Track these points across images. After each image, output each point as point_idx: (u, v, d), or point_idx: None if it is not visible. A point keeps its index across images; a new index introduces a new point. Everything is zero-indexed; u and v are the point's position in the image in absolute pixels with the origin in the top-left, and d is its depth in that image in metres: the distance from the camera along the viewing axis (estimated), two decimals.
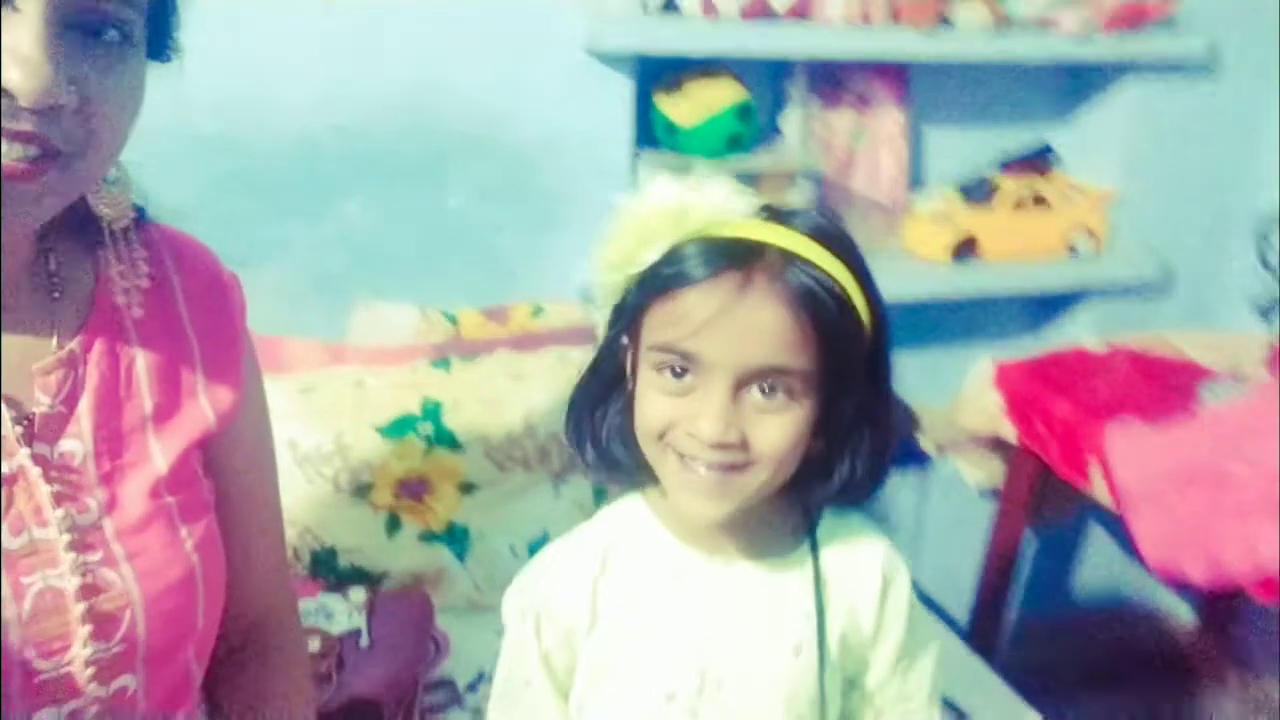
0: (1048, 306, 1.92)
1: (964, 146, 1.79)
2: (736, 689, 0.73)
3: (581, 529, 0.78)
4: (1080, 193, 1.80)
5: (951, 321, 1.86)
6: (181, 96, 1.35)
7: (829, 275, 0.66)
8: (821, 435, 0.70)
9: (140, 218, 0.68)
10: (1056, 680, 1.99)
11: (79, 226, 0.63)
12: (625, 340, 0.72)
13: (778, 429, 0.66)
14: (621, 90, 1.47)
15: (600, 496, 1.37)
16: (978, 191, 1.75)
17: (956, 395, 1.82)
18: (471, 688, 1.13)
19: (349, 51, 1.34)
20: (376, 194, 1.41)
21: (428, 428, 1.31)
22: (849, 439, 0.71)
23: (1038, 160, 1.81)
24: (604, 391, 0.74)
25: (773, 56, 1.55)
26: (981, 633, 1.83)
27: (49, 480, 0.60)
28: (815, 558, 0.74)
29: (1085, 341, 1.74)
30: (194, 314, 0.70)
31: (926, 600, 1.85)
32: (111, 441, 0.64)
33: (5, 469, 0.59)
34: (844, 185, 1.69)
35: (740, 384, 0.66)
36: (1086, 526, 2.09)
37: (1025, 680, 1.90)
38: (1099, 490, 1.43)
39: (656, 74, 1.50)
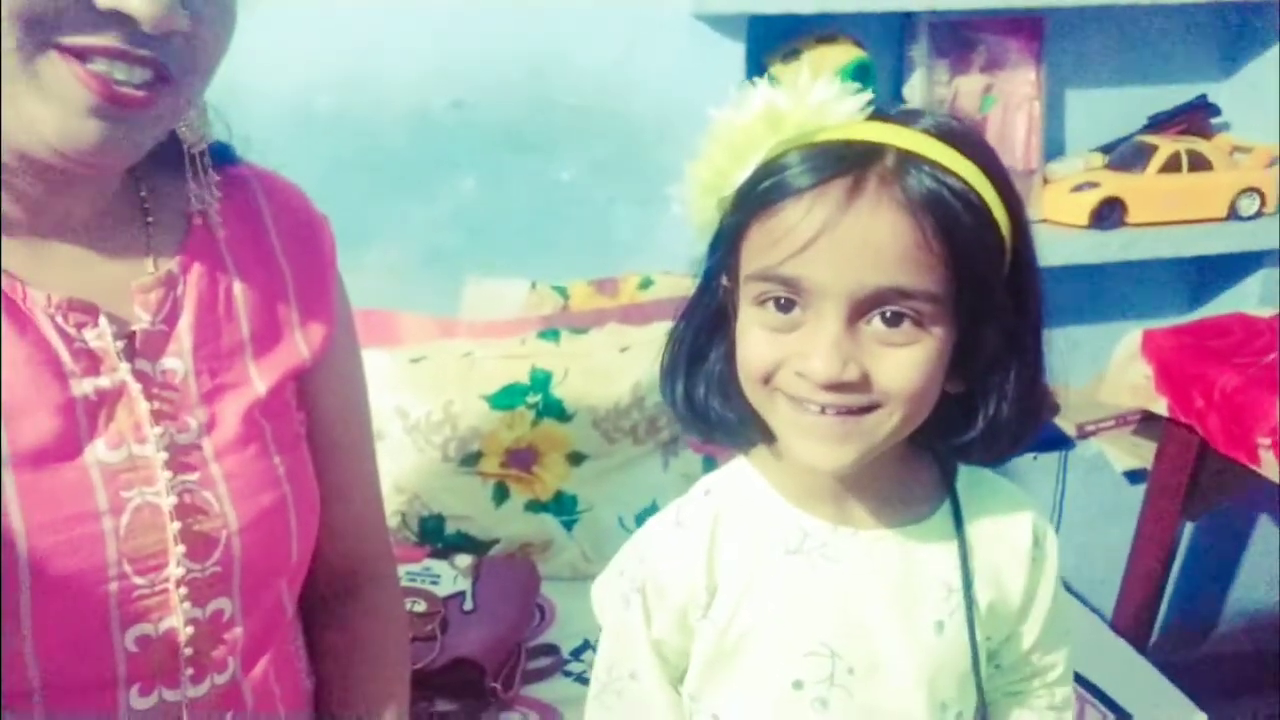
0: (1207, 276, 1.76)
1: (1108, 107, 1.66)
2: (871, 674, 0.64)
3: (681, 502, 0.70)
4: (1245, 152, 1.64)
5: (1094, 293, 1.73)
6: (300, 77, 1.41)
7: (958, 177, 0.56)
8: (959, 373, 0.60)
9: (228, 153, 0.70)
10: (1213, 690, 1.82)
11: (163, 153, 0.64)
12: (724, 280, 0.64)
13: (905, 363, 0.57)
14: (732, 58, 1.43)
15: (710, 467, 1.33)
16: (1126, 155, 1.62)
17: (1100, 373, 1.69)
18: (576, 654, 1.11)
19: (463, 27, 1.35)
20: (490, 169, 1.42)
21: (536, 398, 1.30)
22: (992, 376, 0.61)
23: (1194, 117, 1.67)
24: (701, 339, 0.66)
25: (893, 10, 1.48)
26: (1129, 633, 1.68)
27: (149, 397, 0.61)
28: (958, 521, 0.65)
29: (1249, 309, 1.59)
30: (287, 248, 0.71)
31: (1071, 594, 1.73)
32: (211, 361, 0.64)
33: (107, 383, 0.60)
34: None
35: (857, 312, 0.56)
36: (1249, 513, 1.90)
37: (1179, 682, 1.75)
38: (1269, 469, 1.29)
39: (771, 43, 1.45)
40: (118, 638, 0.58)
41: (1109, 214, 1.58)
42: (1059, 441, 1.72)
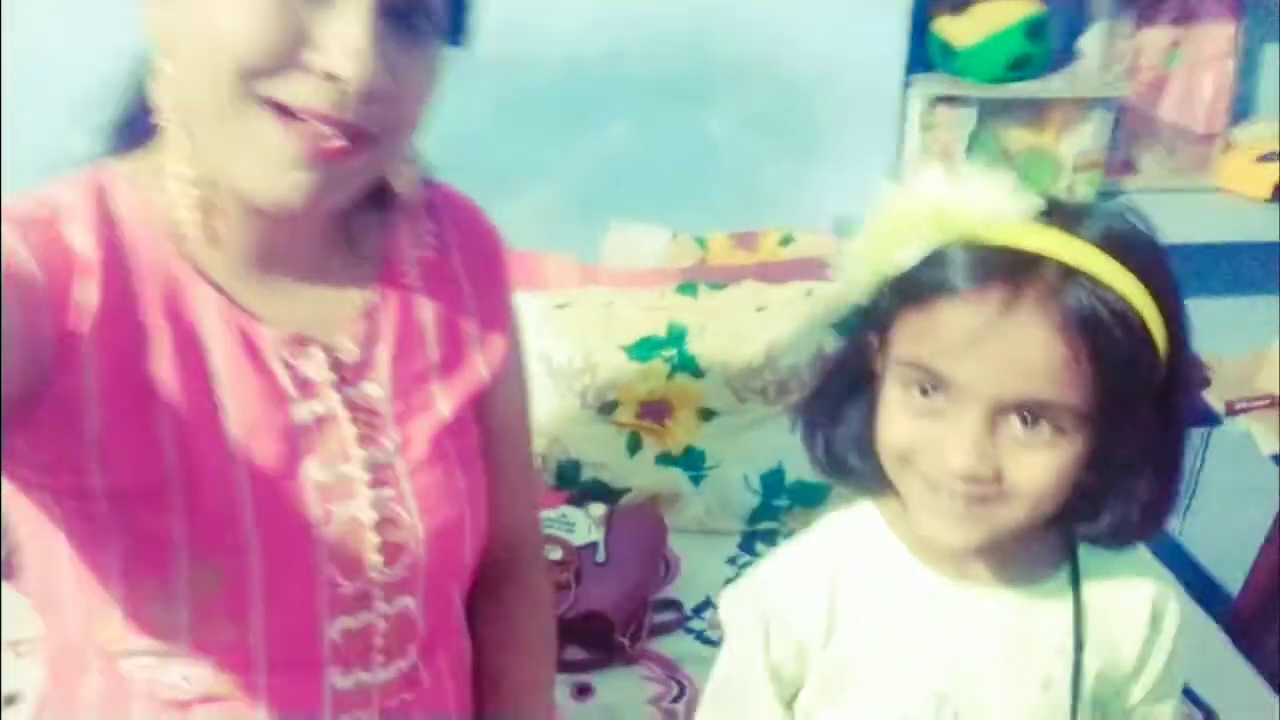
0: None
1: None
2: (975, 717, 0.68)
3: (811, 535, 0.74)
4: None
5: (1263, 266, 1.63)
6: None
7: (1117, 295, 0.56)
8: (1093, 469, 0.61)
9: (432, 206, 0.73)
10: None
11: (372, 192, 0.67)
12: (874, 341, 0.66)
13: (1040, 466, 0.59)
14: (896, 12, 1.37)
15: (802, 423, 1.35)
16: None
17: (1257, 348, 1.61)
18: (698, 611, 1.18)
19: None
20: (641, 117, 1.42)
21: (671, 352, 1.34)
22: (1125, 477, 0.62)
23: None
24: (845, 391, 0.69)
25: None
26: (1254, 612, 1.66)
27: (354, 421, 0.67)
28: (1076, 589, 0.67)
29: None
30: (470, 274, 0.75)
31: (1198, 572, 1.71)
32: (404, 385, 0.70)
33: (321, 408, 0.66)
34: (1148, 113, 1.50)
35: (998, 412, 0.58)
36: None
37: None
38: None
39: None
40: (325, 628, 0.66)
41: None
42: (1205, 417, 1.67)
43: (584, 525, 1.21)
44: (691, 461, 1.33)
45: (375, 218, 0.70)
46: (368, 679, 0.69)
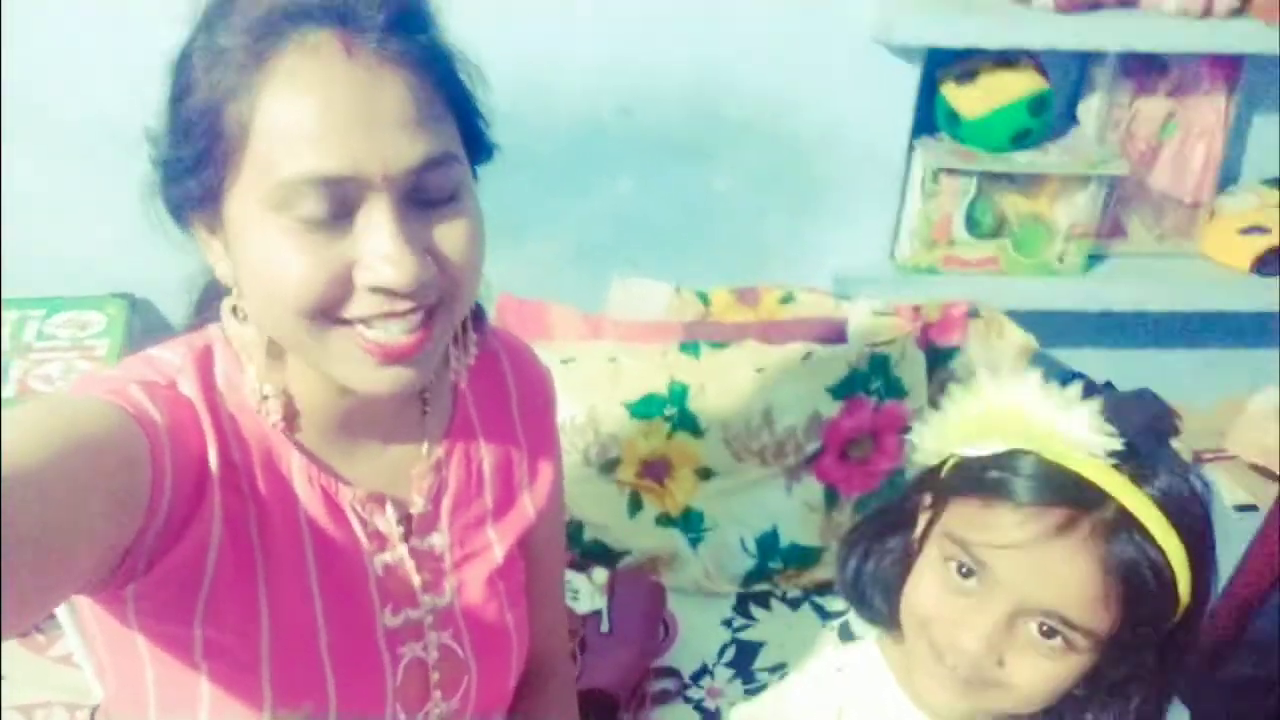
0: None
1: None
2: None
3: (814, 668, 0.80)
4: None
5: (1238, 327, 1.69)
6: None
7: (1161, 553, 0.61)
8: (1087, 683, 0.66)
9: (478, 312, 0.75)
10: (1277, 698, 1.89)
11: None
12: (928, 500, 0.71)
13: (1042, 673, 0.64)
14: (907, 80, 1.39)
15: (831, 500, 1.39)
16: None
17: (1229, 402, 1.68)
18: (695, 679, 1.22)
19: (632, 34, 1.34)
20: (648, 173, 1.43)
21: (673, 410, 1.36)
22: (1110, 697, 0.67)
23: None
24: (887, 534, 0.74)
25: (1084, 48, 1.40)
26: (1216, 653, 1.74)
27: (420, 570, 0.71)
28: None
29: None
30: (524, 418, 0.78)
31: None
32: (463, 533, 0.74)
33: (390, 559, 0.70)
34: (1141, 180, 1.53)
35: (1021, 614, 0.63)
36: None
37: (1259, 700, 1.82)
38: None
39: (947, 60, 1.40)
40: None
41: (1272, 261, 1.53)
42: None
43: (587, 592, 1.25)
44: (690, 523, 1.37)
45: (444, 376, 0.72)
46: None
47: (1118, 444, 0.62)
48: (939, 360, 1.45)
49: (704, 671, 1.23)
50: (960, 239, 1.46)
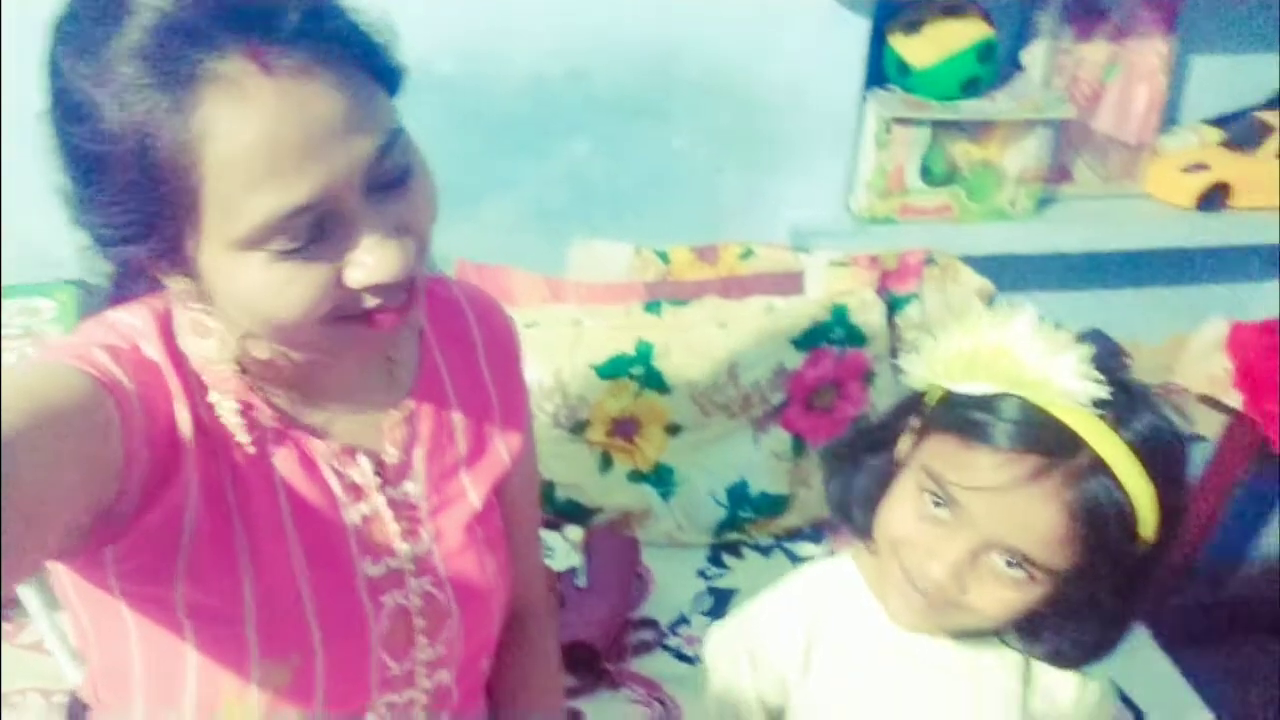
0: None
1: (1234, 78, 1.61)
2: None
3: (790, 583, 0.83)
4: None
5: (1184, 264, 1.74)
6: (423, 42, 1.41)
7: (1129, 499, 0.63)
8: (1042, 608, 0.69)
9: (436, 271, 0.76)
10: (1242, 623, 1.98)
11: None
12: (914, 423, 0.73)
13: (1003, 599, 0.67)
14: (857, 32, 1.40)
15: (798, 449, 1.42)
16: (1241, 132, 1.58)
17: (1176, 337, 1.73)
18: (674, 629, 1.25)
19: (587, 2, 1.33)
20: (603, 134, 1.43)
21: (639, 369, 1.38)
22: (1068, 620, 0.70)
23: None
24: (871, 450, 0.77)
25: None
26: (1170, 578, 1.81)
27: (397, 519, 0.72)
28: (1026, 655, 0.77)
29: None
30: (491, 367, 0.80)
31: None
32: (438, 481, 0.75)
33: (367, 509, 0.71)
34: (1086, 124, 1.56)
35: (982, 551, 0.66)
36: None
37: (1211, 621, 1.90)
38: None
39: (895, 11, 1.41)
40: (374, 703, 0.73)
41: (1214, 198, 1.57)
42: None
43: (563, 550, 1.27)
44: (661, 478, 1.39)
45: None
46: None
47: (1104, 391, 0.64)
48: (898, 307, 1.48)
49: (682, 620, 1.25)
50: (914, 188, 1.49)
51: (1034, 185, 1.53)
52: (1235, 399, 1.55)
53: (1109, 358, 0.67)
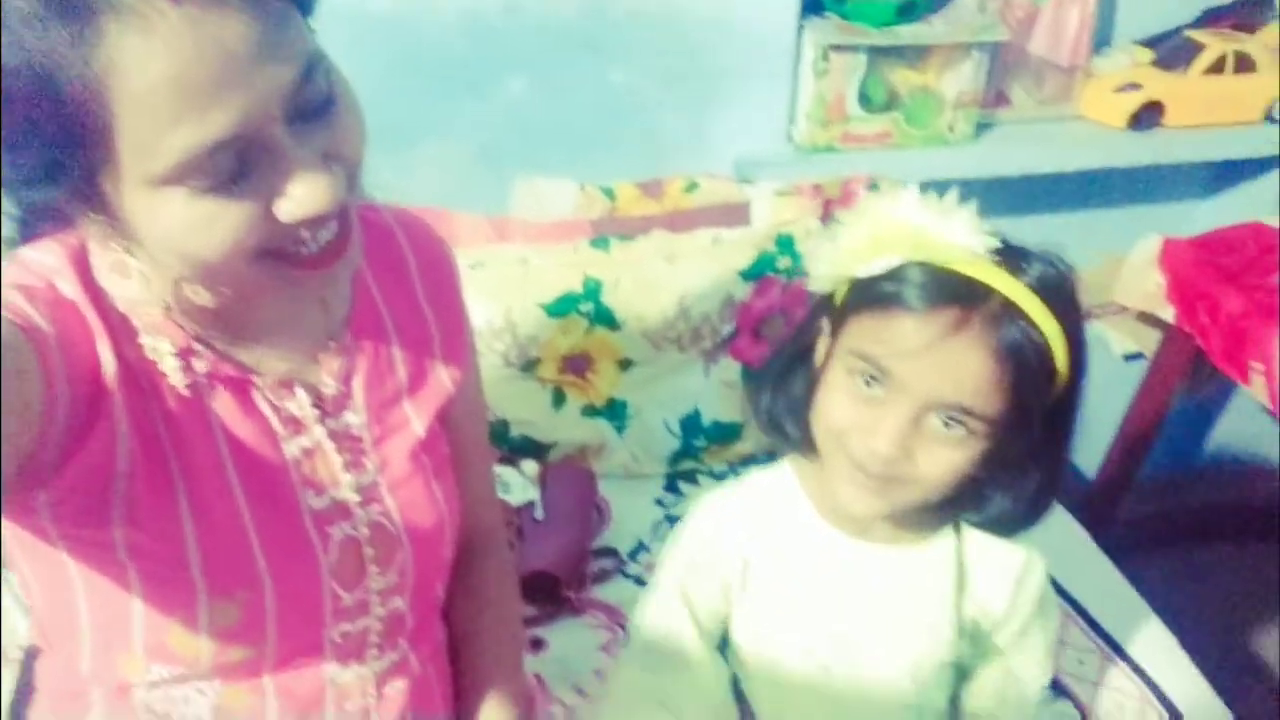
0: (1230, 174, 1.80)
1: None
2: (868, 653, 0.81)
3: (731, 491, 0.85)
4: None
5: (1119, 185, 1.78)
6: None
7: (1042, 335, 0.66)
8: (986, 467, 0.72)
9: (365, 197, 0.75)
10: (1177, 531, 2.06)
11: None
12: (826, 327, 0.75)
13: (946, 460, 0.69)
14: None
15: (748, 375, 1.44)
16: (1172, 51, 1.61)
17: (1113, 258, 1.77)
18: (633, 556, 1.27)
19: None
20: (541, 70, 1.42)
21: (589, 306, 1.38)
22: (1009, 477, 0.73)
23: (1247, 11, 1.64)
24: (791, 365, 0.79)
25: None
26: (1108, 491, 1.88)
27: (339, 450, 0.72)
28: (959, 552, 0.80)
29: (1263, 219, 1.65)
30: (429, 293, 0.79)
31: None
32: (379, 411, 0.75)
33: (308, 442, 0.71)
34: (1020, 47, 1.58)
35: (925, 411, 0.68)
36: (1230, 389, 2.05)
37: (1146, 530, 1.98)
38: (1258, 391, 1.41)
39: None
40: (328, 633, 0.73)
41: (1147, 117, 1.60)
42: None
43: (519, 484, 1.27)
44: (614, 412, 1.40)
45: None
46: (364, 671, 0.76)
47: (996, 242, 0.68)
48: None
49: (641, 548, 1.27)
50: (854, 115, 1.50)
51: (971, 110, 1.54)
52: (1169, 313, 1.59)
53: (1058, 277, 0.70)
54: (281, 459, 0.69)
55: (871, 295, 0.69)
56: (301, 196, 0.56)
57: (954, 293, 0.66)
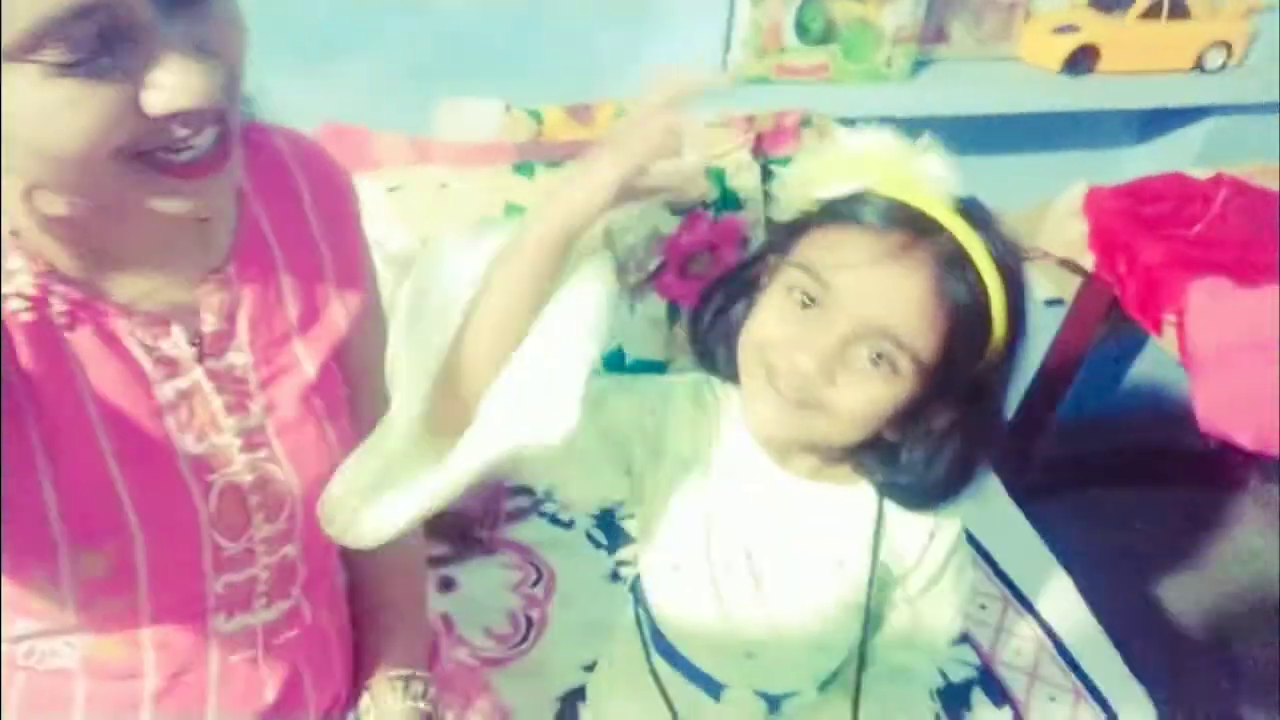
0: (1160, 120, 1.81)
1: None
2: (776, 584, 0.79)
3: (668, 380, 0.81)
4: None
5: (1051, 130, 1.77)
6: None
7: (985, 291, 0.65)
8: (898, 428, 0.70)
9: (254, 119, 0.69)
10: (1088, 475, 2.13)
11: None
12: (773, 260, 0.73)
13: (865, 395, 0.67)
14: None
15: (674, 315, 1.42)
16: None
17: (1040, 203, 1.78)
18: (549, 495, 1.25)
19: None
20: None
21: None
22: (927, 443, 0.71)
23: None
24: (734, 296, 0.76)
25: None
26: (1026, 432, 1.92)
27: (220, 392, 0.67)
28: (880, 496, 0.78)
29: (1189, 169, 1.66)
30: (321, 223, 0.73)
31: None
32: (266, 350, 0.70)
33: (185, 384, 0.66)
34: None
35: (855, 336, 0.66)
36: (1145, 338, 2.10)
37: (1059, 473, 2.04)
38: (1169, 342, 1.44)
39: None
40: (210, 584, 0.69)
41: (1082, 60, 1.59)
42: None
43: None
44: None
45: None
46: (251, 620, 0.73)
47: (959, 192, 0.67)
48: (773, 170, 1.46)
49: (556, 487, 1.25)
50: (790, 46, 1.45)
51: (910, 45, 1.51)
52: (1090, 261, 1.60)
53: (1015, 255, 0.69)
54: (153, 403, 0.64)
55: (828, 211, 0.69)
56: (172, 86, 0.51)
57: (909, 221, 0.66)
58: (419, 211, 1.33)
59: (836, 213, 0.68)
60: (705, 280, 1.40)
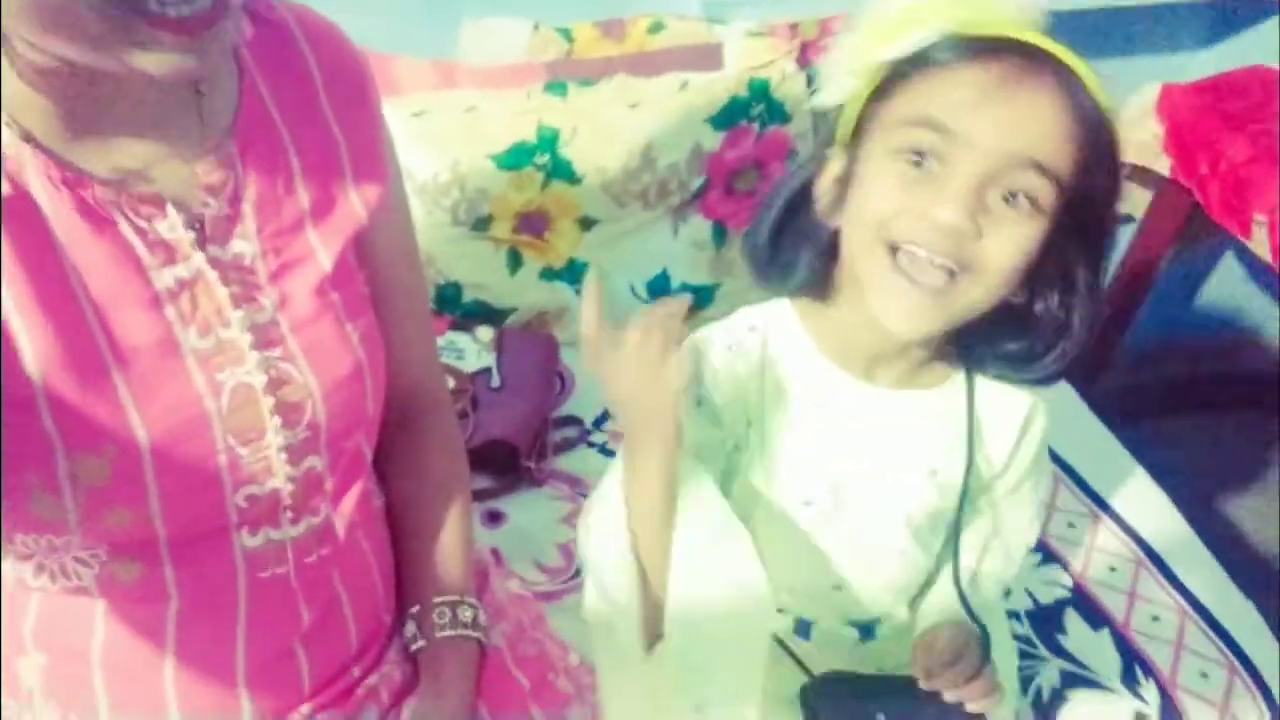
0: (1228, 21, 1.68)
1: None
2: (864, 506, 0.74)
3: (730, 328, 0.75)
4: None
5: (1115, 30, 1.65)
6: None
7: (1106, 112, 0.62)
8: (1024, 289, 0.65)
9: None
10: (1159, 399, 2.02)
11: None
12: (833, 152, 0.68)
13: (1014, 239, 0.61)
14: None
15: (720, 236, 1.34)
16: None
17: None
18: (598, 424, 1.18)
19: None
20: None
21: (544, 158, 1.26)
22: (1063, 294, 0.66)
23: None
24: (792, 205, 0.71)
25: None
26: (1093, 359, 1.82)
27: (226, 282, 0.61)
28: (970, 395, 0.73)
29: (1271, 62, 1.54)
30: (336, 107, 0.67)
31: None
32: (276, 240, 0.64)
33: (185, 272, 0.60)
34: None
35: (988, 180, 0.60)
36: (1222, 251, 1.98)
37: (1130, 398, 1.94)
38: (1259, 245, 1.33)
39: None
40: (229, 498, 0.63)
41: None
42: None
43: (473, 350, 1.18)
44: (575, 274, 1.30)
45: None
46: (278, 536, 0.67)
47: (1047, 13, 0.62)
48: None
49: (605, 417, 1.19)
50: None
51: None
52: (1165, 165, 1.49)
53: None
54: (150, 290, 0.58)
55: (915, 64, 0.63)
56: None
57: (1012, 49, 0.61)
58: (446, 136, 1.26)
59: (929, 60, 0.62)
60: (752, 197, 1.33)
